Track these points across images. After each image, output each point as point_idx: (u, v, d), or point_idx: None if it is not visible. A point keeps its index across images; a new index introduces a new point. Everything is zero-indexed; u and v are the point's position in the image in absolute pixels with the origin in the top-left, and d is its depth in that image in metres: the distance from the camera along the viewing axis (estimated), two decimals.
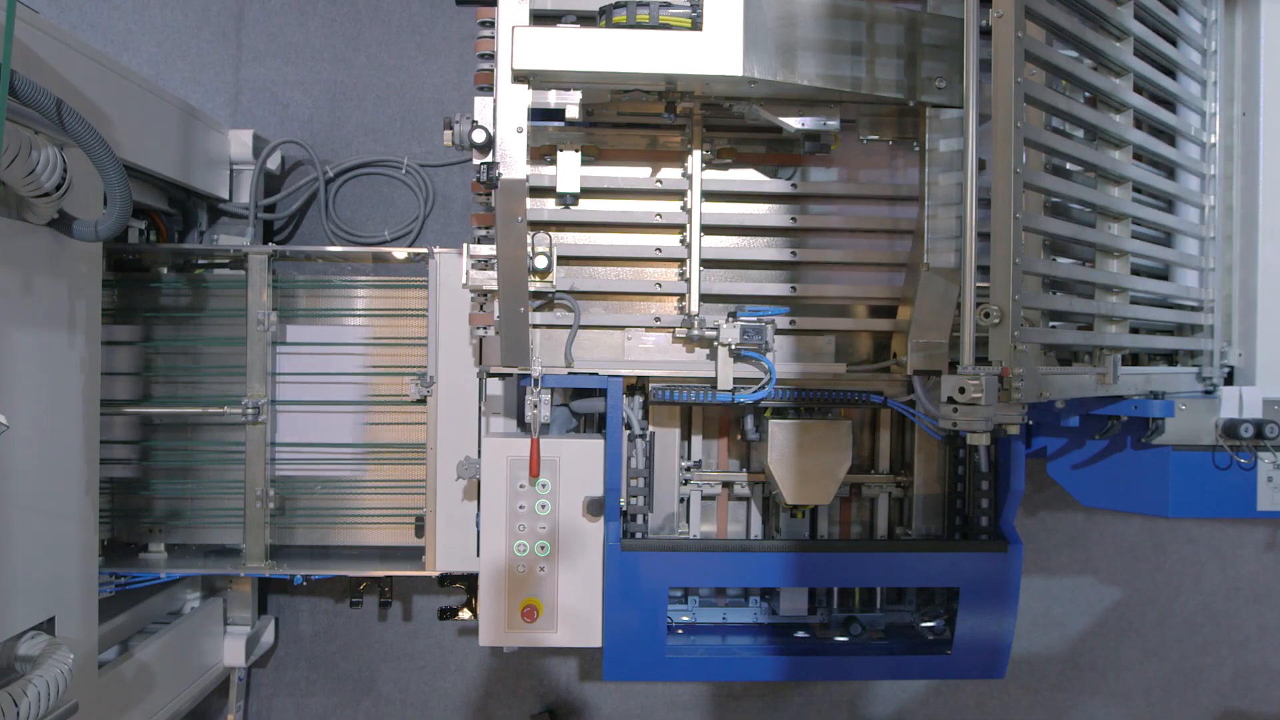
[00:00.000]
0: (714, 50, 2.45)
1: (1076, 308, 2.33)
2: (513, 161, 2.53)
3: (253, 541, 3.60)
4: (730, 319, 2.86)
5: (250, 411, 3.49)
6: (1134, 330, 2.63)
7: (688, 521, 3.29)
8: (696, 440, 3.31)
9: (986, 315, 1.92)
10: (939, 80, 2.70)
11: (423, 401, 3.59)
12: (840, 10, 2.59)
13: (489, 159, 2.56)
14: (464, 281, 2.88)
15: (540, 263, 2.81)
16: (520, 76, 2.51)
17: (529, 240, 2.83)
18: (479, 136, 2.51)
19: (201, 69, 4.66)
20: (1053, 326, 2.56)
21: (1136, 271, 2.65)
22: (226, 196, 4.19)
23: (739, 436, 3.22)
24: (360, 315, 3.75)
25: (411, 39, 4.69)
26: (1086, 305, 2.38)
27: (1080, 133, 2.60)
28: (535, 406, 2.85)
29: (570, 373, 2.94)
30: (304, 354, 3.74)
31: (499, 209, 2.58)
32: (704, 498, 3.32)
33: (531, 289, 2.86)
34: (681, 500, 3.29)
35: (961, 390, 1.82)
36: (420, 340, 3.62)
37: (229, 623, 4.13)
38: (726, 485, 3.32)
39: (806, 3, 2.55)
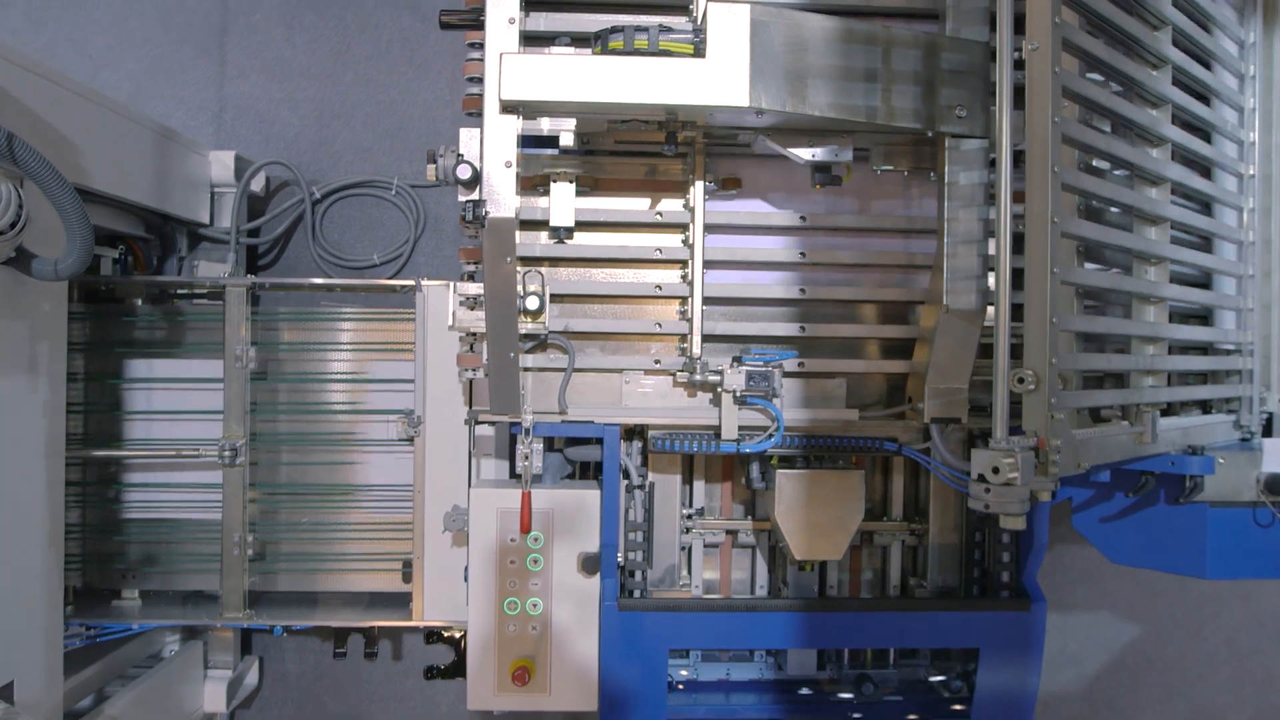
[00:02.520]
0: (718, 79, 2.26)
1: (1115, 365, 2.15)
2: (501, 199, 2.35)
3: (230, 589, 3.42)
4: (735, 363, 2.67)
5: (227, 454, 3.30)
6: (1168, 380, 2.44)
7: (689, 572, 3.10)
8: (699, 485, 3.12)
9: (1021, 381, 1.74)
10: (959, 108, 2.51)
11: (410, 441, 3.40)
12: (854, 35, 2.40)
13: (475, 196, 2.38)
14: (450, 323, 2.70)
15: (532, 303, 2.63)
16: (509, 107, 2.32)
17: (519, 279, 2.64)
18: (464, 172, 2.33)
19: (183, 86, 4.48)
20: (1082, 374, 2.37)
21: (1171, 317, 2.46)
22: (207, 221, 4.01)
23: (744, 480, 3.03)
24: (345, 350, 3.56)
25: (402, 54, 4.50)
26: (1125, 361, 2.19)
27: (1107, 164, 2.42)
28: (526, 458, 2.66)
29: (564, 420, 2.76)
30: (285, 390, 3.55)
31: (486, 250, 2.40)
32: (707, 545, 3.14)
33: (522, 331, 2.68)
34: (683, 549, 3.10)
35: (995, 470, 1.64)
36: (407, 379, 3.43)
37: (210, 666, 3.94)
38: (730, 533, 3.13)
39: (817, 27, 2.36)
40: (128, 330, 3.53)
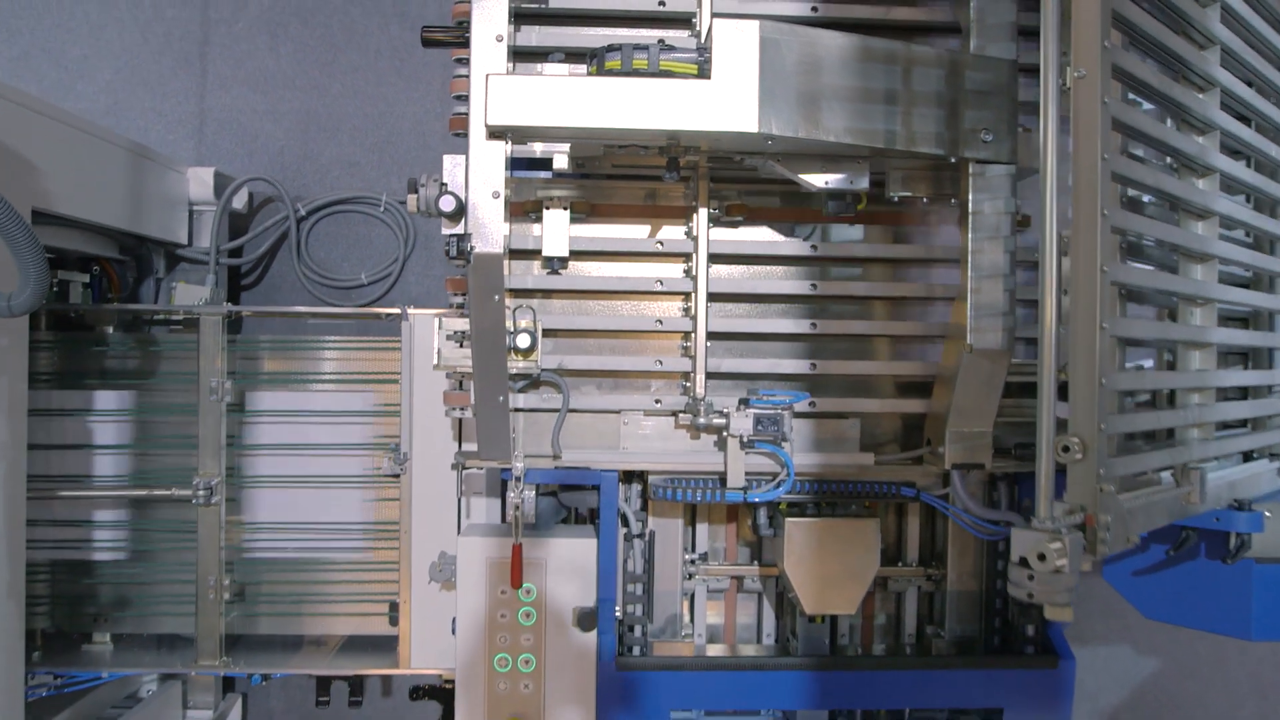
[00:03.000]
0: (724, 102, 2.08)
1: (1165, 422, 1.96)
2: (488, 232, 2.16)
3: (206, 634, 3.22)
4: (742, 406, 2.48)
5: (202, 492, 3.11)
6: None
7: (692, 620, 2.91)
8: (702, 528, 2.93)
9: (1066, 450, 1.55)
10: (984, 132, 2.32)
11: (396, 477, 3.21)
12: (872, 53, 2.21)
13: (460, 229, 2.19)
14: (435, 362, 2.51)
15: (523, 341, 2.44)
16: (496, 133, 2.14)
17: (509, 316, 2.45)
18: (448, 204, 2.14)
19: (163, 98, 4.29)
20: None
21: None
22: (185, 241, 3.82)
23: (750, 524, 2.83)
24: (329, 380, 3.37)
25: (390, 65, 4.31)
26: (1175, 417, 2.00)
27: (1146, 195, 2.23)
28: (518, 508, 2.47)
29: (558, 466, 2.56)
30: (266, 423, 3.36)
31: (472, 287, 2.21)
32: (711, 591, 2.94)
33: (513, 370, 2.49)
34: (685, 595, 2.91)
35: (1042, 557, 1.45)
36: (394, 408, 3.24)
37: (189, 707, 3.76)
38: (736, 579, 2.94)
39: (832, 45, 2.17)
40: (98, 360, 3.34)
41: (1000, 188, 2.37)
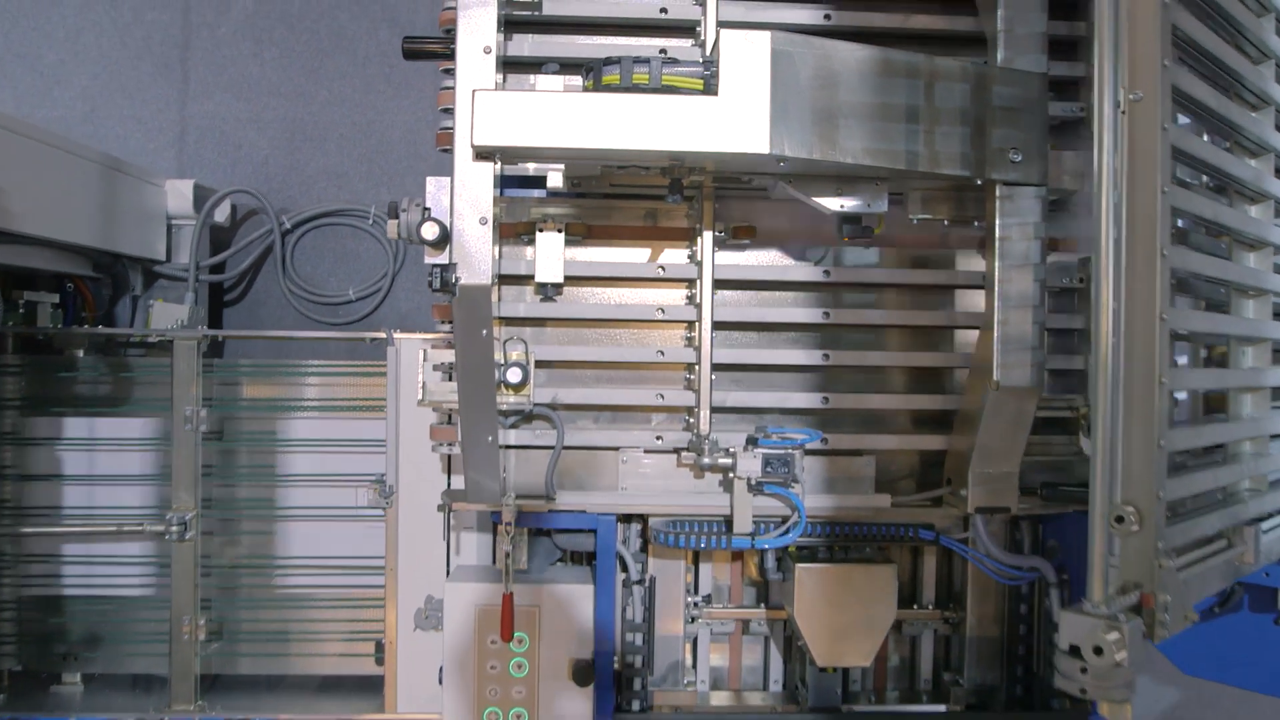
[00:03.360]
0: (733, 121, 1.90)
1: (1222, 479, 1.78)
2: (475, 262, 1.98)
3: (181, 676, 3.04)
4: (750, 446, 2.30)
5: (175, 528, 2.93)
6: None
7: (695, 667, 2.73)
8: (705, 568, 2.75)
9: (1120, 520, 1.37)
10: (1012, 151, 2.15)
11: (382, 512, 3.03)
12: (892, 66, 2.03)
13: (444, 258, 2.01)
14: (420, 397, 2.33)
15: (513, 376, 2.26)
16: (484, 153, 1.96)
17: (499, 348, 2.27)
18: (430, 232, 1.96)
19: (142, 105, 4.11)
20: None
21: None
22: (163, 257, 3.64)
23: (757, 562, 2.65)
24: (312, 407, 3.19)
25: (380, 71, 4.13)
26: (1230, 473, 1.83)
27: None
28: (508, 555, 2.29)
29: (552, 510, 2.38)
30: (246, 451, 3.18)
31: (458, 321, 2.03)
32: (715, 634, 2.76)
33: (503, 406, 2.31)
34: (688, 639, 2.73)
35: (1099, 650, 1.27)
36: (380, 440, 3.05)
37: None
38: (741, 622, 2.76)
39: (850, 58, 1.99)
40: (67, 385, 3.16)
41: (1029, 211, 2.19)
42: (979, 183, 2.16)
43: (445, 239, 1.98)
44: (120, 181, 3.30)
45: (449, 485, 2.82)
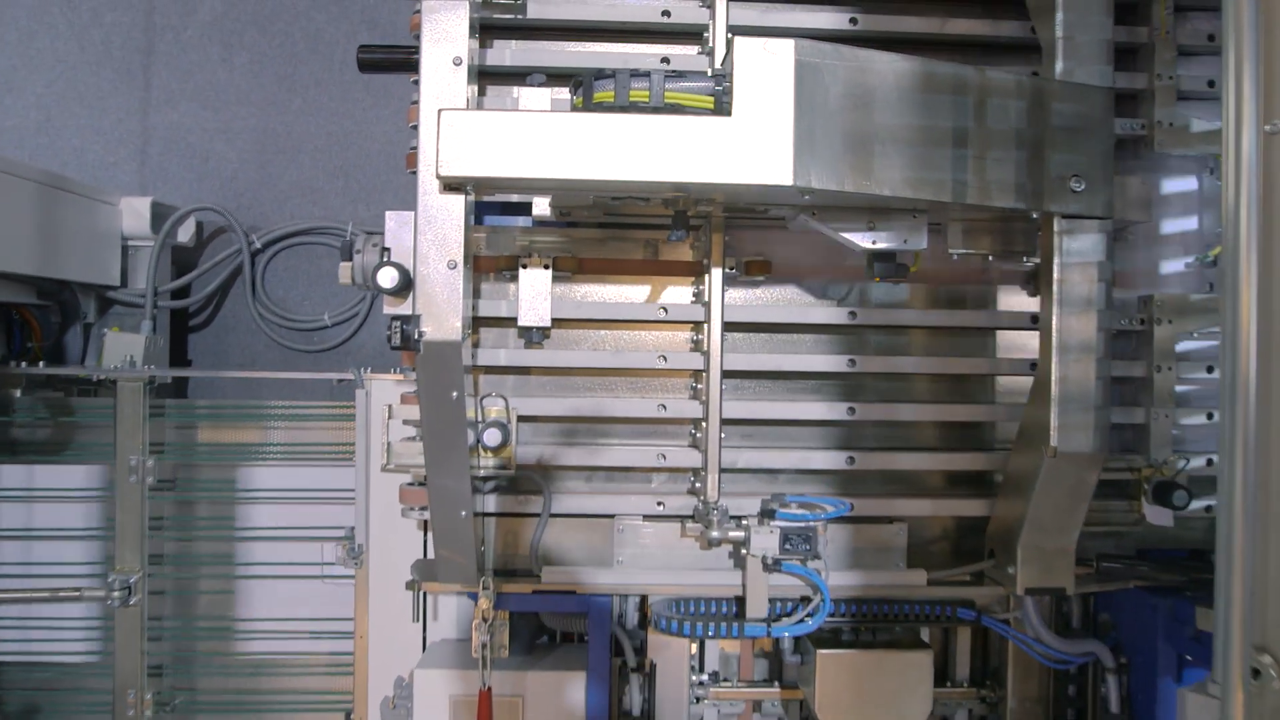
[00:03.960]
0: (749, 147, 1.59)
1: None
2: (442, 314, 1.67)
3: None
4: (765, 519, 1.99)
5: (118, 592, 2.62)
6: None
7: None
8: (712, 641, 2.43)
9: (1256, 675, 1.07)
10: (1074, 179, 1.83)
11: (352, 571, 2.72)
12: (937, 81, 1.72)
13: (406, 308, 1.70)
14: (385, 461, 2.02)
15: (492, 439, 1.95)
16: (453, 184, 1.65)
17: (476, 405, 1.96)
18: (388, 279, 1.65)
19: (102, 114, 3.81)
20: None
21: None
22: (117, 282, 3.34)
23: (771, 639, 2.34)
24: (277, 453, 2.88)
25: (358, 78, 3.81)
26: None
27: None
28: (485, 645, 1.97)
29: (536, 590, 2.07)
30: (205, 503, 2.88)
31: (422, 384, 1.72)
32: (723, 715, 2.45)
33: (481, 471, 2.00)
34: None
35: None
36: (351, 493, 2.75)
37: None
38: (753, 703, 2.45)
39: (888, 70, 1.68)
40: (3, 429, 2.85)
41: (1093, 249, 1.88)
42: (1034, 216, 1.85)
43: (407, 286, 1.67)
44: (65, 201, 2.99)
45: (425, 550, 2.51)
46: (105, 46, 3.81)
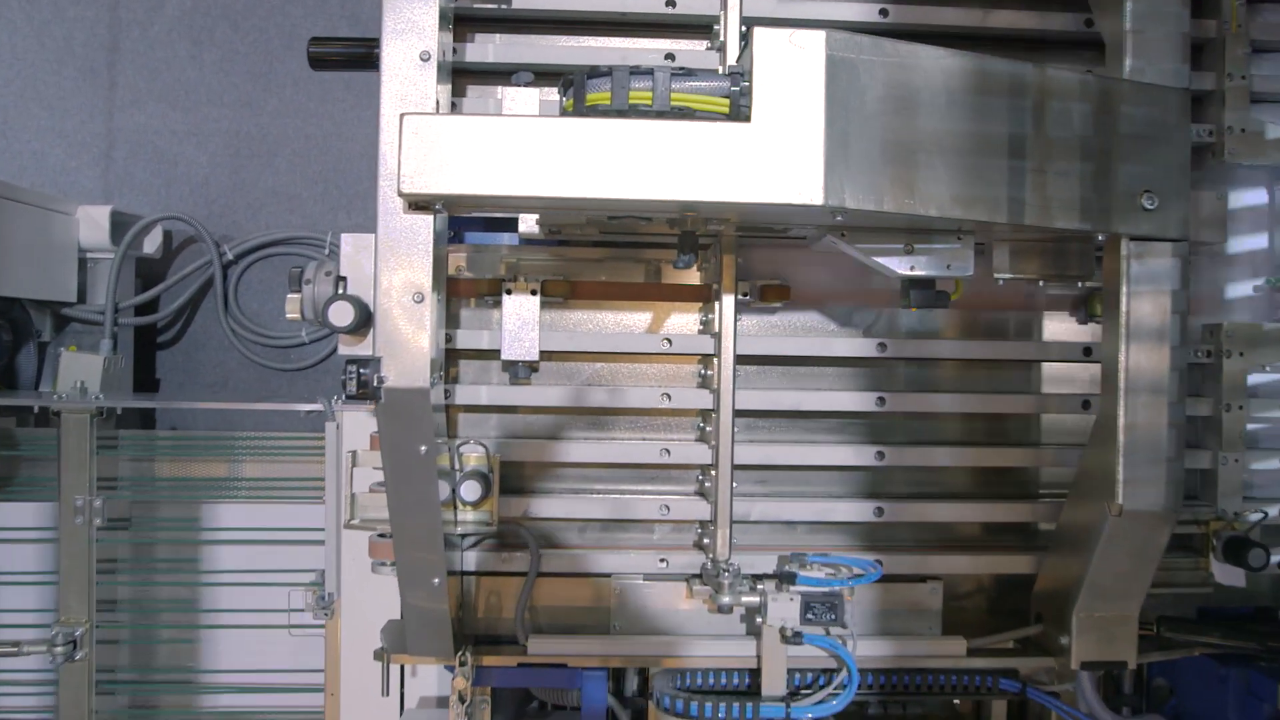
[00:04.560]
0: (772, 159, 1.33)
1: None
2: (407, 356, 1.41)
3: None
4: (784, 584, 1.73)
5: (61, 648, 2.36)
6: None
7: None
8: None
9: None
10: (1145, 195, 1.58)
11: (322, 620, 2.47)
12: (992, 80, 1.46)
13: (366, 348, 1.45)
14: (349, 517, 1.76)
15: (470, 493, 1.69)
16: (418, 203, 1.39)
17: (453, 453, 1.71)
18: (342, 315, 1.40)
19: (63, 116, 3.54)
20: None
21: None
22: (73, 298, 3.08)
23: None
24: (242, 490, 2.63)
25: (338, 77, 3.55)
26: None
27: None
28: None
29: (522, 663, 1.81)
30: (164, 545, 2.62)
31: (385, 437, 1.46)
32: None
33: (459, 528, 1.74)
34: None
35: None
36: (317, 531, 2.50)
37: None
38: None
39: (935, 68, 1.43)
40: None
41: (1166, 276, 1.62)
42: (1100, 238, 1.60)
43: (366, 322, 1.42)
44: (14, 212, 2.74)
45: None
46: (67, 43, 3.55)
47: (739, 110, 1.36)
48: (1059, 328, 1.99)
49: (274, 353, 3.52)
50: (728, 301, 1.81)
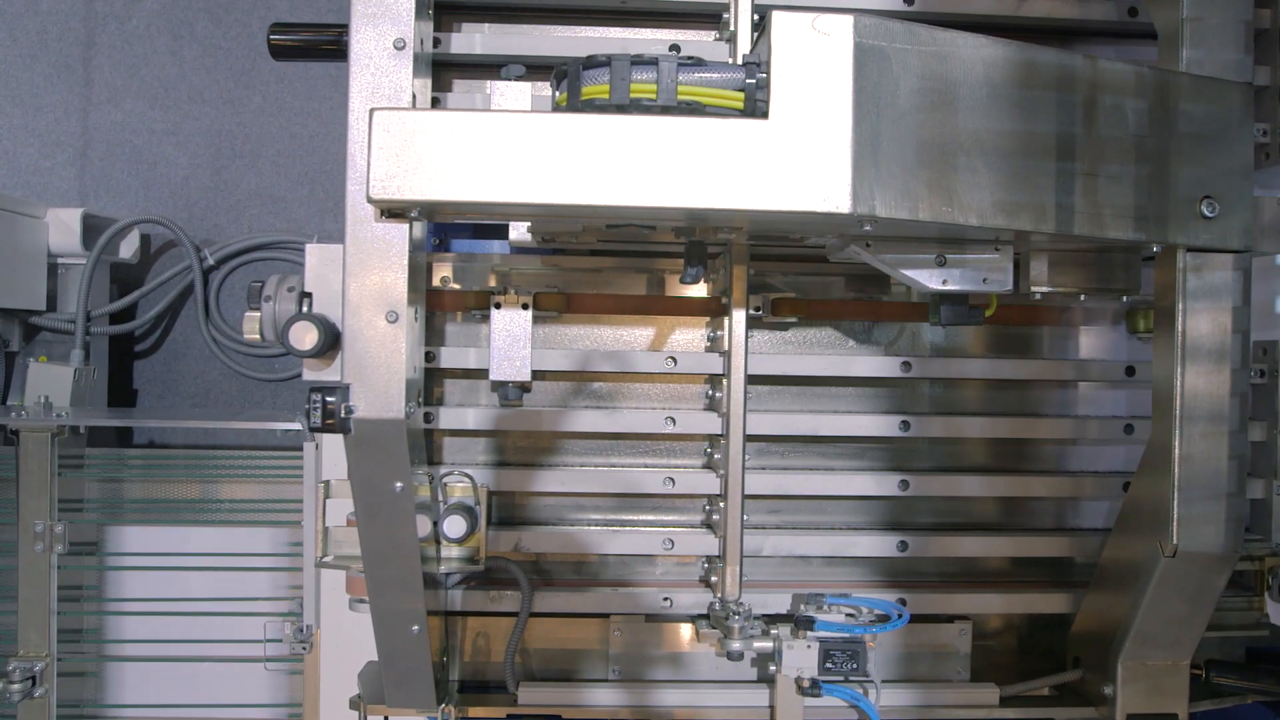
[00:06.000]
0: (792, 161, 1.17)
1: None
2: (380, 382, 1.25)
3: None
4: (801, 628, 1.57)
5: (18, 685, 2.19)
6: None
7: None
8: None
9: None
10: (1205, 202, 1.42)
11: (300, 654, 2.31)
12: (1038, 72, 1.30)
13: (333, 374, 1.28)
14: (320, 553, 1.60)
15: (454, 529, 1.52)
16: (391, 209, 1.22)
17: (435, 484, 1.55)
18: (303, 337, 1.23)
19: (36, 113, 3.38)
20: None
21: None
22: (43, 306, 2.92)
23: None
24: (217, 511, 2.46)
25: (325, 73, 3.39)
26: None
27: None
28: None
29: (511, 715, 1.65)
30: (135, 571, 2.46)
31: (355, 472, 1.30)
32: None
33: (441, 569, 1.58)
34: None
35: None
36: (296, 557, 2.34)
37: None
38: None
39: (975, 59, 1.26)
40: None
41: (1227, 290, 1.46)
42: (1155, 249, 1.43)
43: (333, 345, 1.25)
44: None
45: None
46: (41, 37, 3.39)
47: (755, 105, 1.20)
48: (1092, 342, 1.84)
49: (257, 362, 3.35)
50: (738, 316, 1.65)
